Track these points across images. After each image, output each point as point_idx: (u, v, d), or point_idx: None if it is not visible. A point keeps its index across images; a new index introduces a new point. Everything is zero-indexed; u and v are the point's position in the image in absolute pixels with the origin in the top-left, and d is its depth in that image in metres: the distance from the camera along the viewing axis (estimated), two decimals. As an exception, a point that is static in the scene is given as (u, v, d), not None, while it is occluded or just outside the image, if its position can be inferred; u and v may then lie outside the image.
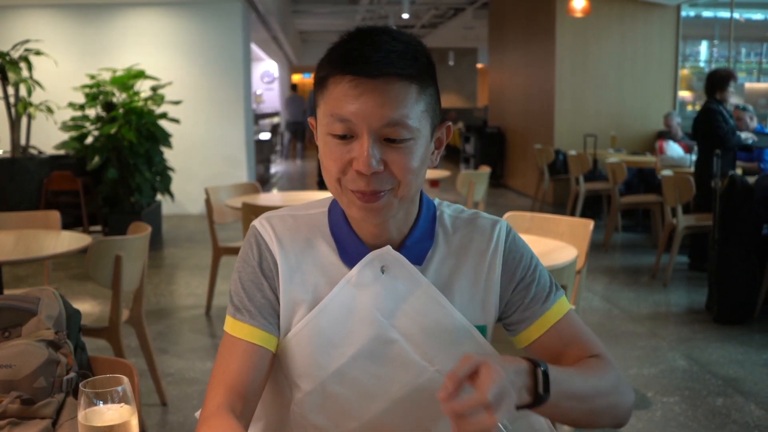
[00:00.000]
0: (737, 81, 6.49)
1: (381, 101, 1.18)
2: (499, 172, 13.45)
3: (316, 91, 1.26)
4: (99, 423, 1.06)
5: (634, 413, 3.68)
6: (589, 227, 3.68)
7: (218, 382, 1.27)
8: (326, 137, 1.23)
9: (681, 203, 6.06)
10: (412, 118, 1.20)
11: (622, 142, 10.27)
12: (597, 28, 10.55)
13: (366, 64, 1.18)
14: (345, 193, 1.24)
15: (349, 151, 1.20)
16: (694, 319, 5.26)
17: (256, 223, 1.37)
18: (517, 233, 1.39)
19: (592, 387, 1.21)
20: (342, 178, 1.22)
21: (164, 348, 4.68)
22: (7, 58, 7.76)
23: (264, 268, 1.32)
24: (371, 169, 1.18)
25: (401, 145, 1.20)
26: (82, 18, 10.04)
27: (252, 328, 1.30)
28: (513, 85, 13.02)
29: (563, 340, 1.32)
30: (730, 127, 6.30)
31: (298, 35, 22.23)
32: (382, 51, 1.19)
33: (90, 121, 7.91)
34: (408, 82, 1.20)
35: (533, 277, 1.34)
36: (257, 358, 1.28)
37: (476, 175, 6.63)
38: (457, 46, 23.21)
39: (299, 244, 1.34)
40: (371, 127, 1.18)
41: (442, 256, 1.33)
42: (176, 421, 3.64)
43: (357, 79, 1.18)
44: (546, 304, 1.33)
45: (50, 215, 4.29)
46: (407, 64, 1.20)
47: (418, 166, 1.22)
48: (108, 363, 1.77)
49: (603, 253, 7.47)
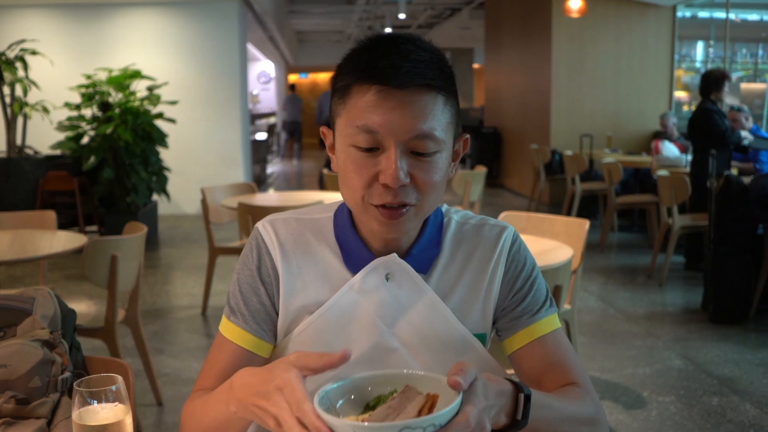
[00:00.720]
0: (731, 81, 6.49)
1: (410, 113, 1.15)
2: (496, 172, 13.45)
3: (336, 100, 1.23)
4: (93, 422, 1.06)
5: (630, 412, 3.69)
6: (584, 227, 3.68)
7: (206, 375, 1.30)
8: (349, 149, 1.20)
9: (677, 203, 6.07)
10: (439, 129, 1.19)
11: (618, 142, 10.28)
12: (593, 29, 10.56)
13: (395, 74, 1.15)
14: (367, 209, 1.22)
15: (375, 165, 1.18)
16: (690, 319, 5.27)
17: (259, 225, 1.36)
18: (522, 239, 1.38)
19: (571, 415, 1.21)
20: (366, 193, 1.20)
21: (160, 348, 4.68)
22: (2, 57, 7.74)
23: (262, 273, 1.32)
24: (399, 182, 1.16)
25: (428, 159, 1.19)
26: (78, 18, 10.02)
27: (243, 333, 1.30)
28: (509, 86, 13.03)
29: (548, 357, 1.30)
30: (728, 127, 6.32)
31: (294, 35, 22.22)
32: (410, 61, 1.16)
33: (86, 121, 7.90)
34: (435, 92, 1.18)
35: (531, 288, 1.34)
36: (245, 362, 1.28)
37: (472, 175, 6.63)
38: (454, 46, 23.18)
39: (302, 248, 1.32)
40: (399, 139, 1.16)
41: (446, 264, 1.33)
42: (172, 421, 3.64)
43: (385, 89, 1.16)
44: (535, 316, 1.32)
45: (46, 215, 4.29)
46: (434, 74, 1.18)
47: (441, 180, 1.22)
48: (103, 363, 1.77)
49: (599, 253, 7.47)
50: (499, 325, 1.35)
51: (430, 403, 1.00)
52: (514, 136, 12.73)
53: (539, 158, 9.96)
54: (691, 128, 6.54)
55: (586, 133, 9.98)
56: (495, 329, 1.36)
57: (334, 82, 1.25)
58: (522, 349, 1.31)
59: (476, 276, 1.33)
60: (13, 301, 1.70)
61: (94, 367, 1.78)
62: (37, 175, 7.80)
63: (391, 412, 0.99)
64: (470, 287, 1.32)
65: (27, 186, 7.77)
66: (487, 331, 1.33)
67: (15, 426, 1.64)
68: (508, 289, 1.33)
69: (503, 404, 1.06)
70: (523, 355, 1.32)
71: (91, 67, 8.82)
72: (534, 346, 1.31)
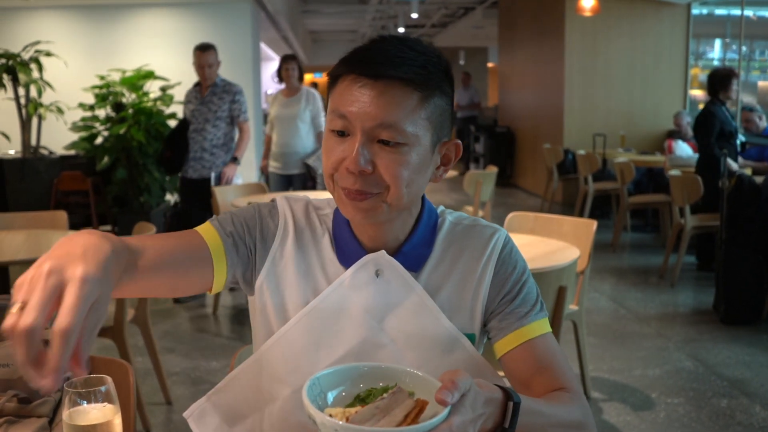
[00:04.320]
0: (739, 78, 6.45)
1: (378, 102, 1.20)
2: (509, 171, 13.43)
3: (328, 91, 1.29)
4: (83, 422, 1.07)
5: (638, 414, 3.68)
6: (592, 228, 3.68)
7: (139, 236, 1.24)
8: (327, 133, 1.26)
9: (689, 203, 6.04)
10: (409, 124, 1.21)
11: (631, 142, 10.24)
12: (606, 27, 10.52)
13: (369, 64, 1.21)
14: (336, 191, 1.26)
15: (344, 150, 1.22)
16: (701, 320, 5.25)
17: (278, 199, 1.40)
18: (514, 243, 1.39)
19: (559, 420, 1.20)
20: (334, 175, 1.25)
21: (171, 347, 4.71)
22: (17, 59, 7.80)
23: (264, 228, 1.35)
24: (358, 168, 1.20)
25: (393, 149, 1.21)
26: (91, 19, 10.08)
27: (214, 233, 1.30)
28: (522, 85, 13.01)
29: (537, 361, 1.30)
30: (730, 130, 6.25)
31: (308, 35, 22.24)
32: (388, 55, 1.22)
33: (100, 121, 7.95)
34: (411, 88, 1.21)
35: (520, 291, 1.34)
36: (193, 250, 1.26)
37: (483, 175, 6.63)
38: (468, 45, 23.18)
39: (308, 234, 1.37)
40: (364, 126, 1.20)
41: (436, 263, 1.34)
42: (180, 420, 3.66)
43: (360, 78, 1.22)
44: (524, 319, 1.32)
45: (57, 215, 4.32)
46: (413, 71, 1.21)
47: (409, 175, 1.23)
48: (105, 363, 1.78)
49: (611, 253, 7.45)
50: (489, 327, 1.36)
51: (418, 410, 0.99)
52: (527, 135, 12.70)
53: (552, 158, 9.94)
54: (694, 129, 6.52)
55: (599, 132, 9.94)
56: (486, 332, 1.37)
57: (328, 76, 1.31)
58: (511, 352, 1.31)
59: (465, 275, 1.34)
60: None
61: (97, 367, 1.79)
62: (51, 175, 7.86)
63: (377, 413, 0.98)
64: (458, 286, 1.34)
65: (41, 186, 7.82)
66: (476, 332, 1.34)
67: (17, 424, 1.66)
68: (497, 291, 1.34)
69: (491, 412, 1.06)
70: (512, 358, 1.32)
71: (104, 67, 8.86)
72: (523, 349, 1.31)
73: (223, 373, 4.17)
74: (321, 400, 1.05)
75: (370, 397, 1.05)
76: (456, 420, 0.96)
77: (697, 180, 5.97)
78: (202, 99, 5.85)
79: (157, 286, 1.22)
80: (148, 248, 1.17)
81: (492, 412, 1.06)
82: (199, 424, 1.40)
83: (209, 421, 1.40)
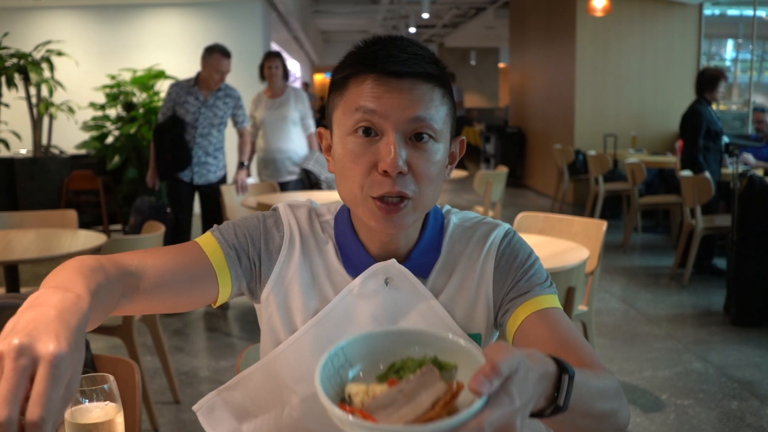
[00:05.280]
0: (728, 80, 6.41)
1: (408, 98, 1.17)
2: (520, 172, 13.40)
3: (334, 95, 1.24)
4: (84, 420, 1.07)
5: (648, 415, 3.66)
6: (602, 228, 3.66)
7: (139, 251, 1.22)
8: (346, 139, 1.21)
9: (699, 204, 6.01)
10: (437, 120, 1.20)
11: (642, 142, 10.20)
12: (618, 28, 10.48)
13: (393, 62, 1.18)
14: (366, 202, 1.21)
15: (374, 152, 1.18)
16: (712, 321, 5.22)
17: (281, 207, 1.37)
18: (518, 235, 1.35)
19: (603, 390, 1.08)
20: (365, 183, 1.19)
21: (180, 346, 4.71)
22: (29, 58, 7.84)
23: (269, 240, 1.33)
24: (398, 169, 1.16)
25: (425, 147, 1.19)
26: (102, 19, 10.11)
27: (216, 244, 1.28)
28: (533, 85, 12.98)
29: (552, 334, 1.20)
30: (716, 130, 6.23)
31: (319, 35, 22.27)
32: (407, 52, 1.20)
33: (110, 121, 7.99)
34: (433, 84, 1.20)
35: (525, 274, 1.29)
36: (195, 267, 1.24)
37: (494, 175, 6.61)
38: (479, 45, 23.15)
39: (313, 242, 1.34)
40: (398, 123, 1.17)
41: (441, 266, 1.32)
42: (189, 419, 3.67)
43: (382, 77, 1.18)
44: (533, 292, 1.26)
45: (67, 214, 4.34)
46: (432, 67, 1.21)
47: (437, 175, 1.22)
48: (111, 361, 1.78)
49: (621, 254, 7.42)
50: (500, 320, 1.31)
51: (449, 397, 0.82)
52: (538, 135, 12.67)
53: (563, 158, 9.91)
54: (681, 127, 6.49)
55: (610, 133, 9.91)
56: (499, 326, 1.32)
57: (332, 79, 1.27)
58: (523, 324, 1.23)
59: (465, 275, 1.31)
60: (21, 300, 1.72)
61: (103, 366, 1.79)
62: (62, 174, 7.89)
63: (399, 398, 0.84)
64: (459, 286, 1.31)
65: (52, 185, 7.86)
66: (481, 332, 1.31)
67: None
68: (501, 284, 1.30)
69: (544, 389, 0.90)
70: (525, 331, 1.23)
71: (115, 67, 8.91)
72: (535, 321, 1.22)
73: (232, 373, 4.17)
74: (344, 374, 0.90)
75: (404, 370, 0.89)
76: (491, 415, 0.78)
77: (708, 181, 5.94)
78: (205, 102, 5.55)
79: (160, 306, 1.22)
80: (149, 269, 1.16)
81: (544, 389, 0.90)
82: (208, 418, 1.39)
83: (219, 415, 1.38)
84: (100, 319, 1.01)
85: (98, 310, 0.98)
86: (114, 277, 1.05)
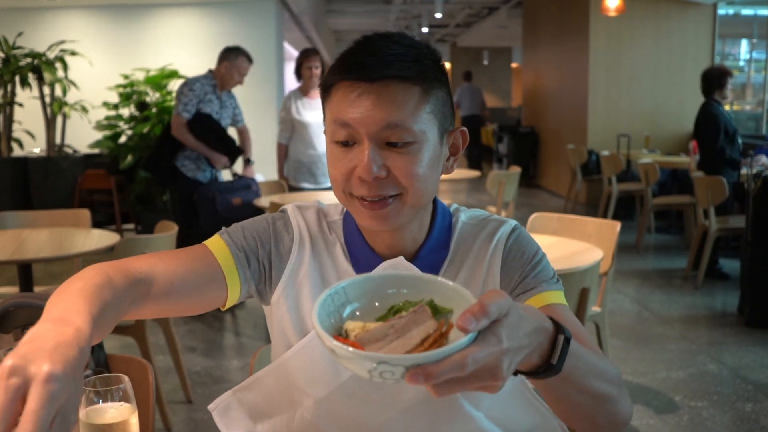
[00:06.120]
0: (733, 77, 6.36)
1: (378, 104, 1.17)
2: (532, 172, 13.38)
3: (323, 102, 1.26)
4: (99, 421, 1.07)
5: (661, 417, 3.64)
6: (616, 229, 3.64)
7: (149, 256, 1.21)
8: (331, 145, 1.23)
9: (713, 205, 5.97)
10: (414, 121, 1.18)
11: (655, 143, 10.15)
12: (631, 28, 10.44)
13: (362, 68, 1.18)
14: (352, 202, 1.23)
15: (352, 159, 1.20)
16: (726, 323, 5.19)
17: (289, 209, 1.37)
18: (525, 231, 1.35)
19: (601, 371, 1.09)
20: (346, 186, 1.22)
21: (192, 346, 4.72)
22: (43, 58, 7.88)
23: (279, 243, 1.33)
24: (372, 175, 1.17)
25: (404, 150, 1.18)
26: (116, 18, 10.15)
27: (225, 247, 1.28)
28: (546, 85, 12.95)
29: None
30: (732, 131, 6.17)
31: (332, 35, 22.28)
32: (378, 55, 1.18)
33: (123, 120, 8.02)
34: (409, 84, 1.18)
35: (532, 270, 1.28)
36: (205, 272, 1.24)
37: (506, 176, 6.60)
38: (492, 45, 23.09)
39: (322, 243, 1.34)
40: (369, 132, 1.17)
41: (448, 264, 1.32)
42: (201, 418, 3.67)
43: (355, 83, 1.18)
44: (539, 287, 1.26)
45: (81, 213, 4.36)
46: (407, 66, 1.18)
47: (424, 172, 1.20)
48: (124, 361, 1.78)
49: (635, 255, 7.39)
50: None
51: (438, 334, 0.87)
52: (551, 135, 12.64)
53: (576, 158, 9.88)
54: (696, 129, 6.43)
55: (623, 133, 9.87)
56: None
57: (321, 85, 1.28)
58: None
59: (472, 272, 1.31)
60: (36, 299, 1.73)
61: (116, 366, 1.79)
62: (75, 173, 7.92)
63: (391, 333, 0.88)
64: (466, 283, 1.30)
65: (66, 184, 7.89)
66: None
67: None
68: (509, 279, 1.30)
69: (539, 343, 0.92)
70: None
71: (128, 67, 8.93)
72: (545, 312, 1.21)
73: (244, 372, 4.18)
74: (342, 312, 0.94)
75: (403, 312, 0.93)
76: (476, 352, 0.82)
77: (722, 182, 5.91)
78: (222, 102, 5.54)
79: (169, 310, 1.22)
80: (159, 274, 1.17)
81: (540, 343, 0.93)
82: (223, 417, 1.39)
83: (234, 415, 1.39)
84: (105, 332, 1.01)
85: (104, 326, 0.98)
86: (122, 290, 1.06)
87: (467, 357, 0.81)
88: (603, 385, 1.08)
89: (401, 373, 0.80)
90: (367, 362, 0.81)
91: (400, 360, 0.80)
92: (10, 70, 7.75)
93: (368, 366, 0.81)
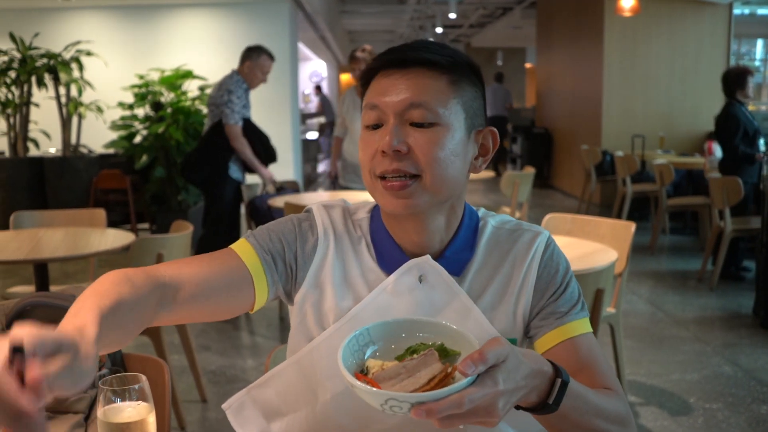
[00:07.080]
0: (753, 75, 6.32)
1: (406, 86, 1.23)
2: (546, 172, 13.34)
3: (362, 96, 1.31)
4: (117, 420, 1.08)
5: (675, 419, 3.63)
6: (630, 230, 3.63)
7: (177, 262, 1.23)
8: (362, 131, 1.28)
9: (728, 206, 5.94)
10: (438, 104, 1.23)
11: (670, 143, 10.11)
12: (646, 28, 10.40)
13: (397, 55, 1.25)
14: (376, 186, 1.26)
15: (378, 140, 1.24)
16: (741, 324, 5.16)
17: (314, 209, 1.38)
18: (555, 243, 1.37)
19: (603, 411, 1.18)
20: (371, 167, 1.25)
21: (207, 345, 4.74)
22: (58, 59, 7.92)
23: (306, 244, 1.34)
24: (392, 147, 1.21)
25: (427, 130, 1.22)
26: (131, 19, 10.20)
27: (251, 250, 1.30)
28: (560, 85, 12.91)
29: (579, 359, 1.27)
30: (751, 134, 6.13)
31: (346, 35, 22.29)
32: (416, 50, 1.25)
33: (138, 120, 8.05)
34: (438, 71, 1.24)
35: (564, 291, 1.32)
36: (232, 276, 1.25)
37: (521, 176, 6.59)
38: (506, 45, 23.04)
39: (347, 241, 1.35)
40: (395, 110, 1.22)
41: (479, 267, 1.33)
42: (215, 418, 3.69)
43: (389, 71, 1.25)
44: (565, 317, 1.30)
45: (96, 213, 4.38)
46: (439, 59, 1.24)
47: (445, 156, 1.23)
48: (140, 360, 1.79)
49: (649, 256, 7.36)
50: (530, 327, 1.34)
51: (443, 375, 0.99)
52: (565, 136, 12.61)
53: (590, 159, 9.85)
54: (716, 130, 6.40)
55: (637, 133, 9.83)
56: (527, 333, 1.35)
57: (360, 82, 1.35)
58: (552, 350, 1.29)
59: (507, 280, 1.32)
60: (54, 298, 1.74)
61: (132, 365, 1.80)
62: (90, 173, 7.96)
63: (402, 372, 1.00)
64: (500, 291, 1.32)
65: (81, 184, 7.93)
66: (518, 336, 1.32)
67: (54, 420, 1.68)
68: (541, 295, 1.32)
69: (537, 384, 1.04)
70: (553, 356, 1.28)
71: (144, 67, 8.97)
72: (564, 347, 1.28)
73: (259, 372, 4.19)
74: (366, 351, 1.07)
75: (417, 353, 1.05)
76: (473, 393, 0.94)
77: (737, 182, 5.88)
78: (246, 102, 5.60)
79: (198, 315, 1.25)
80: (186, 279, 1.19)
81: (537, 385, 1.04)
82: (237, 416, 1.40)
83: (248, 414, 1.40)
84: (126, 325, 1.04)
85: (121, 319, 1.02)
86: (143, 287, 1.08)
87: (465, 397, 0.93)
88: (603, 424, 1.18)
89: (408, 408, 0.93)
90: (379, 398, 0.94)
91: (407, 397, 0.93)
92: (27, 71, 7.80)
93: (380, 400, 0.94)
